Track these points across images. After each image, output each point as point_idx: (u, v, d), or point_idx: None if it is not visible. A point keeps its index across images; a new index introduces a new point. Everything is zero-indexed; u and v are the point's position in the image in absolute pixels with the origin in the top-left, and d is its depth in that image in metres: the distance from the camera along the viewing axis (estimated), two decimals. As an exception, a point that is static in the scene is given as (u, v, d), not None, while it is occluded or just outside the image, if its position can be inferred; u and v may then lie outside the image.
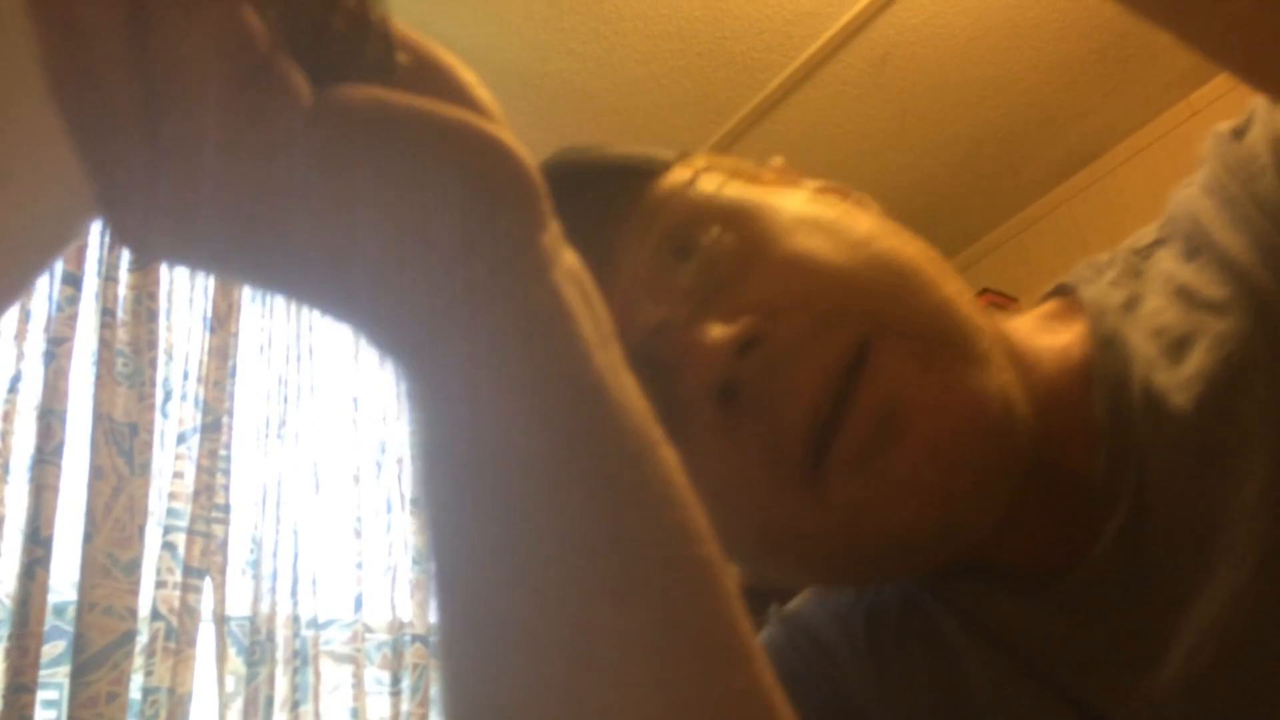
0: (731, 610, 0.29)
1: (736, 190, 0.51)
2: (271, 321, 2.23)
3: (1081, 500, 0.47)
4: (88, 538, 1.81)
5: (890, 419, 0.43)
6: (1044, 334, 0.53)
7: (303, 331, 2.26)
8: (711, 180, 0.51)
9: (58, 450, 1.82)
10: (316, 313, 0.31)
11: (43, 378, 1.87)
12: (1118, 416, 0.46)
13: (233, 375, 2.11)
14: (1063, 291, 0.55)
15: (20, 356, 1.87)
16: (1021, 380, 0.47)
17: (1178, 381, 0.45)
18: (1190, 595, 0.43)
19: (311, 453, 2.17)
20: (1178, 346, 0.46)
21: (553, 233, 0.31)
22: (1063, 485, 0.48)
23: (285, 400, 2.17)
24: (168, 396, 2.03)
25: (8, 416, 1.82)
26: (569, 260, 0.31)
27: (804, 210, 0.50)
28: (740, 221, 0.49)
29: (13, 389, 1.85)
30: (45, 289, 1.96)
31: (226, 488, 2.02)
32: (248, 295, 2.21)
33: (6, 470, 1.79)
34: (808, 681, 0.57)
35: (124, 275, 2.05)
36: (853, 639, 0.56)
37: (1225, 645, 0.42)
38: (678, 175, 0.52)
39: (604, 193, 0.51)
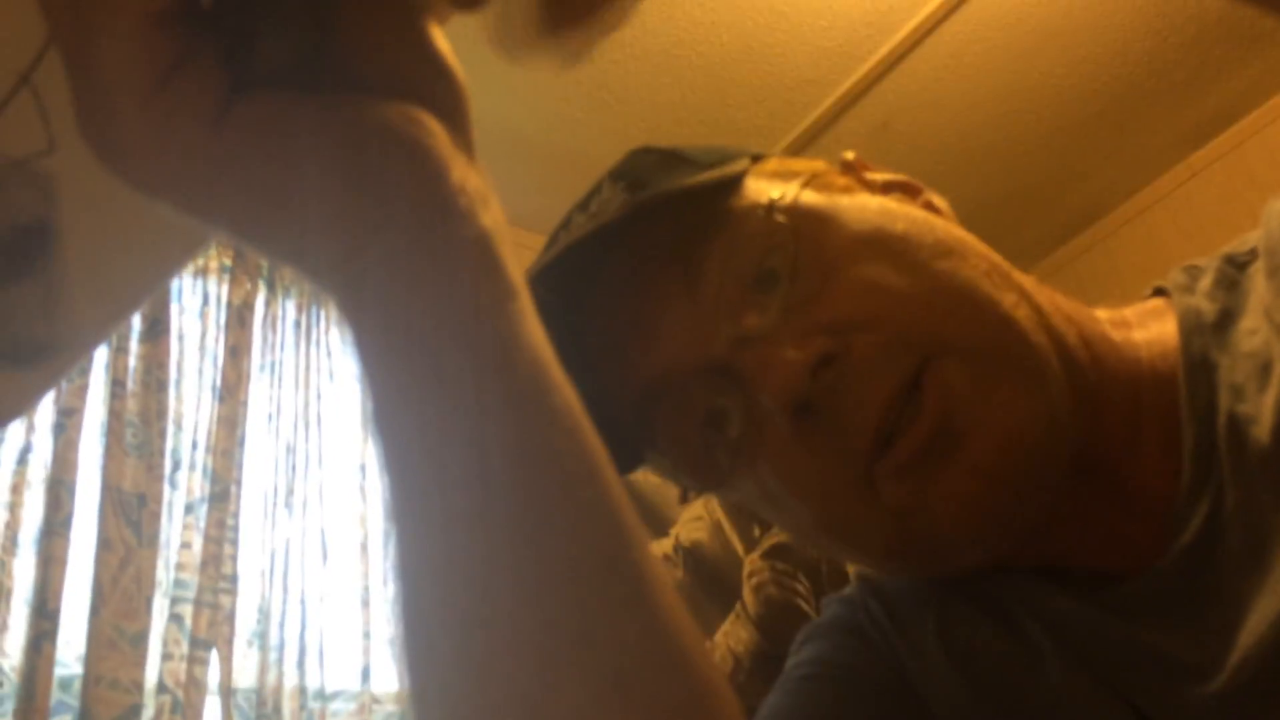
0: (628, 549, 0.33)
1: (810, 201, 0.54)
2: (280, 390, 2.24)
3: (1153, 512, 0.50)
4: (94, 610, 1.80)
5: (946, 432, 0.47)
6: (1140, 329, 0.56)
7: (311, 400, 2.27)
8: (787, 191, 0.54)
9: (66, 522, 1.82)
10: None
11: (52, 449, 1.88)
12: (1202, 444, 0.49)
13: (241, 445, 2.12)
14: (1160, 294, 0.57)
15: (30, 428, 1.88)
16: (1093, 368, 0.51)
17: (1259, 411, 0.48)
18: (1243, 616, 0.46)
19: (319, 522, 2.16)
20: (1263, 372, 0.48)
21: (457, 203, 0.35)
22: (1134, 496, 0.52)
23: (293, 469, 2.17)
24: (176, 466, 2.03)
25: (16, 488, 1.82)
26: (477, 225, 0.35)
27: (873, 225, 0.53)
28: (813, 241, 0.52)
29: (22, 460, 1.85)
30: (56, 361, 1.98)
31: (234, 558, 2.01)
32: (257, 365, 2.23)
33: (14, 543, 1.78)
34: (868, 638, 0.61)
35: (134, 346, 2.06)
36: (923, 606, 0.60)
37: (1267, 664, 0.45)
38: (754, 189, 0.55)
39: (686, 212, 0.54)
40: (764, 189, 0.55)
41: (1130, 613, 0.50)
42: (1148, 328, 0.55)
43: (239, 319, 2.23)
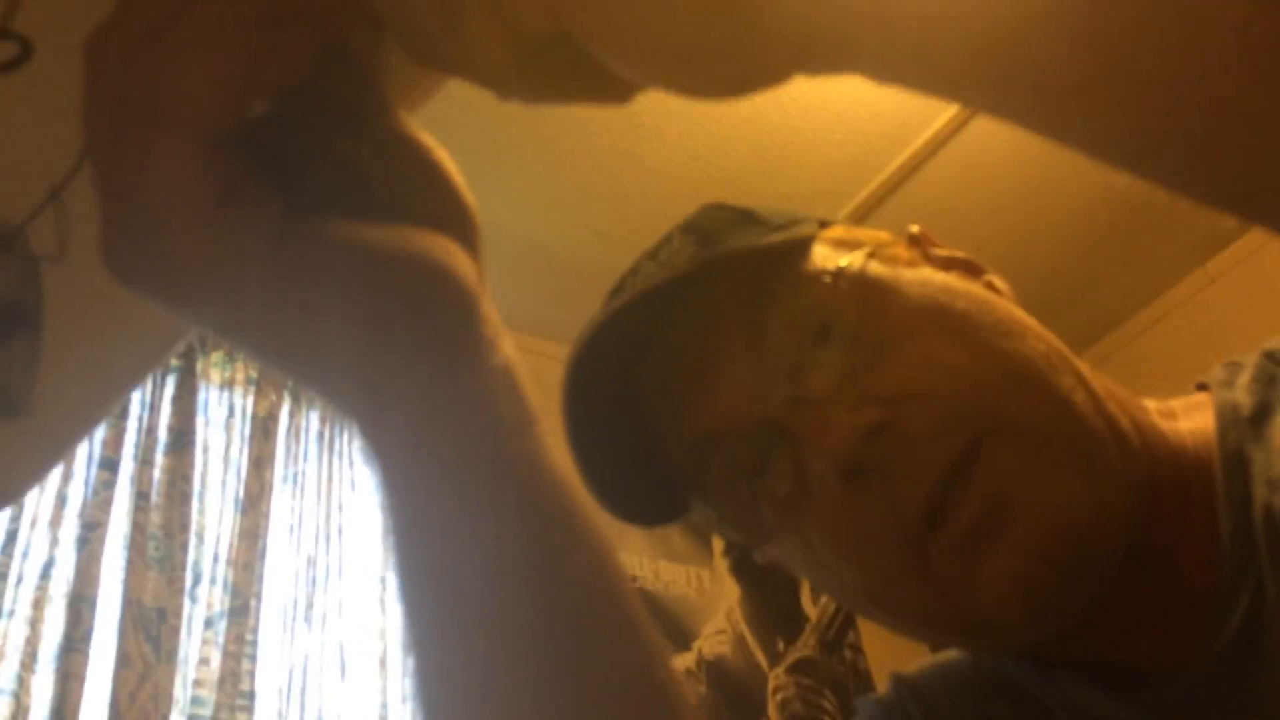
0: (651, 667, 0.34)
1: (875, 272, 0.55)
2: (302, 502, 2.24)
3: (1194, 607, 0.50)
4: (111, 728, 1.77)
5: (998, 511, 0.47)
6: (1185, 420, 0.56)
7: (333, 511, 2.26)
8: (853, 260, 0.55)
9: (86, 637, 1.81)
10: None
11: (75, 563, 1.87)
12: (1239, 538, 0.49)
13: (262, 557, 2.11)
14: (1204, 389, 0.58)
15: (54, 542, 1.88)
16: (1145, 455, 0.51)
17: None
18: None
19: (338, 636, 2.14)
20: None
21: (484, 332, 0.36)
22: (1177, 590, 0.51)
23: (313, 582, 2.16)
24: (197, 580, 2.02)
25: (38, 604, 1.81)
26: (502, 354, 0.37)
27: (935, 301, 0.54)
28: (875, 311, 0.53)
29: (45, 575, 1.85)
30: (82, 473, 1.99)
31: (252, 674, 1.98)
32: (280, 477, 2.23)
33: (34, 659, 1.77)
34: None
35: (159, 459, 2.07)
36: (963, 708, 0.59)
37: None
38: (821, 254, 0.56)
39: (754, 270, 0.56)
40: (830, 255, 0.56)
41: (1173, 714, 0.49)
42: (1192, 419, 0.56)
43: (264, 430, 2.24)
